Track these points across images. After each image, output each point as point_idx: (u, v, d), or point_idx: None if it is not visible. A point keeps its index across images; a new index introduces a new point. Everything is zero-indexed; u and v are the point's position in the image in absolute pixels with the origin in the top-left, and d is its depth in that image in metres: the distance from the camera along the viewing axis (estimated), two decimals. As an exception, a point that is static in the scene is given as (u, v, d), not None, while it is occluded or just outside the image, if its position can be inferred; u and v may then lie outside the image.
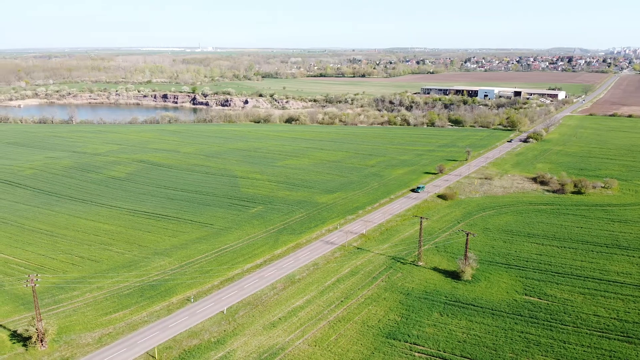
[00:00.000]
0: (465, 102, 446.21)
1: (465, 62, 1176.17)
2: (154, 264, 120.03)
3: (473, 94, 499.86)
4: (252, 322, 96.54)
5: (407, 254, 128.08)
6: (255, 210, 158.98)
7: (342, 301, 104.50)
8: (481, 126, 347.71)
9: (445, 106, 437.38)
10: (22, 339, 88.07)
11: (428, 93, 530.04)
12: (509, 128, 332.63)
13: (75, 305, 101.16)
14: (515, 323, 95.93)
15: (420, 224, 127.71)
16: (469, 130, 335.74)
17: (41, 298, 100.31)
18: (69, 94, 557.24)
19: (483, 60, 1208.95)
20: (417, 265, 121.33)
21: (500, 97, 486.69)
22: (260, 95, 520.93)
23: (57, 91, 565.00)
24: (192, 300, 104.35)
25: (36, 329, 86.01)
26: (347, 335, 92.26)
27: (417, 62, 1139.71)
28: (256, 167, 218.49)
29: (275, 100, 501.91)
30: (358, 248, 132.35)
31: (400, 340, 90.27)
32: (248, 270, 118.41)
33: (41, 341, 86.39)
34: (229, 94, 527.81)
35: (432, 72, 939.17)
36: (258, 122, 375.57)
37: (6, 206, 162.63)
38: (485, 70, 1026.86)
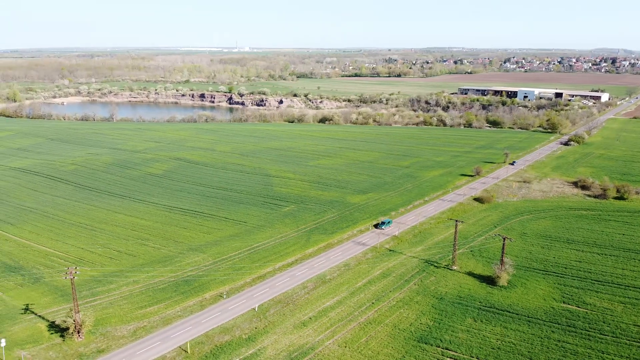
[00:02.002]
0: (504, 103, 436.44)
1: (504, 62, 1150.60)
2: (189, 259, 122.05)
3: (512, 94, 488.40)
4: (283, 321, 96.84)
5: (440, 257, 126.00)
6: (288, 209, 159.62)
7: (373, 303, 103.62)
8: (520, 128, 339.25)
9: (483, 107, 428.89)
10: (59, 330, 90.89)
11: (465, 93, 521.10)
12: (549, 130, 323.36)
13: (111, 298, 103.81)
14: (552, 331, 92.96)
15: (456, 227, 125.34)
16: (508, 131, 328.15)
17: (79, 290, 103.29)
18: (110, 92, 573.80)
19: (523, 61, 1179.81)
20: (451, 269, 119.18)
21: (540, 98, 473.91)
22: (295, 95, 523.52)
23: (99, 89, 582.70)
24: (224, 296, 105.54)
25: (74, 321, 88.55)
26: (378, 337, 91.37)
27: (455, 62, 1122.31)
28: (289, 166, 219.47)
29: (310, 100, 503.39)
30: (390, 250, 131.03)
31: (432, 345, 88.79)
32: (279, 268, 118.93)
33: (78, 332, 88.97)
34: (264, 93, 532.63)
35: (470, 72, 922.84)
36: (292, 122, 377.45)
37: (48, 200, 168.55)
38: (525, 71, 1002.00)
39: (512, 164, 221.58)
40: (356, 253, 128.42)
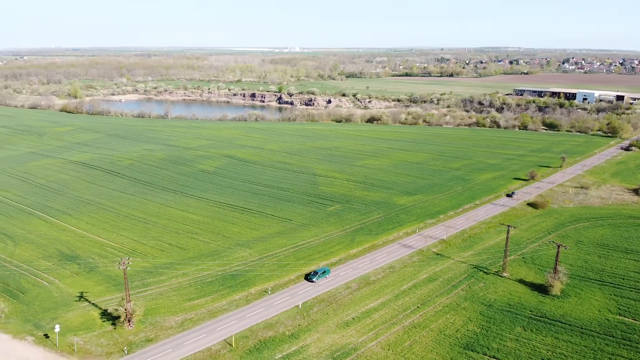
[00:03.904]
0: (561, 105, 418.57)
1: (562, 63, 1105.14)
2: (236, 254, 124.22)
3: (570, 96, 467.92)
4: (326, 320, 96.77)
5: (490, 263, 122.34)
6: (333, 209, 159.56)
7: (418, 307, 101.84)
8: (578, 131, 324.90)
9: (540, 109, 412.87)
10: (111, 318, 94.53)
11: (521, 94, 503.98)
12: (609, 134, 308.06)
13: (161, 289, 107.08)
14: (606, 344, 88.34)
15: (507, 233, 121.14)
16: (565, 135, 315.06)
17: (131, 280, 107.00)
18: (166, 90, 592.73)
19: (582, 62, 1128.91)
20: (501, 276, 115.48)
21: (600, 101, 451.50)
22: (343, 95, 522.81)
23: (155, 88, 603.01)
24: (269, 292, 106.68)
25: (125, 310, 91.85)
26: (422, 342, 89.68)
27: (510, 62, 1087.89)
28: (335, 165, 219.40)
29: (358, 100, 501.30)
30: (437, 254, 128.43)
31: (478, 352, 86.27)
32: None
33: (129, 321, 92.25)
34: (312, 93, 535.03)
35: (526, 73, 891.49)
36: (339, 122, 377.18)
37: (105, 193, 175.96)
38: (585, 72, 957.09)
39: (509, 196, 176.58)
40: (402, 255, 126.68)
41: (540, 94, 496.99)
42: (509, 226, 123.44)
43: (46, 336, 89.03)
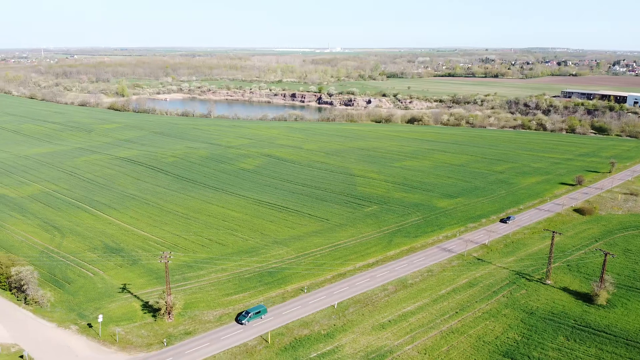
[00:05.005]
0: (611, 109, 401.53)
1: (613, 65, 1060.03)
2: (273, 252, 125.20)
3: (621, 100, 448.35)
4: (362, 321, 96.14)
5: (533, 270, 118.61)
6: (370, 210, 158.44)
7: (456, 312, 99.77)
8: (629, 136, 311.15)
9: (589, 112, 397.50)
10: (152, 310, 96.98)
11: (569, 97, 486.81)
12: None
13: (200, 283, 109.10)
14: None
15: (552, 239, 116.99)
16: (615, 139, 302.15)
17: (172, 274, 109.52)
18: (209, 90, 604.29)
19: (634, 64, 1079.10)
20: (544, 284, 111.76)
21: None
22: (384, 95, 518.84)
23: (199, 87, 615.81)
24: (305, 290, 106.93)
25: (165, 302, 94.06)
26: (460, 348, 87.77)
27: (558, 64, 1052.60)
28: (374, 166, 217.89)
29: (399, 100, 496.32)
30: (478, 259, 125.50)
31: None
32: (360, 268, 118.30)
33: (169, 314, 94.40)
34: (352, 93, 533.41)
35: (575, 75, 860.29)
36: (379, 122, 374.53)
37: (149, 189, 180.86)
38: (636, 75, 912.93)
39: (504, 221, 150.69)
40: (441, 259, 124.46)
41: (589, 96, 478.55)
42: (553, 232, 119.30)
43: (89, 325, 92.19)
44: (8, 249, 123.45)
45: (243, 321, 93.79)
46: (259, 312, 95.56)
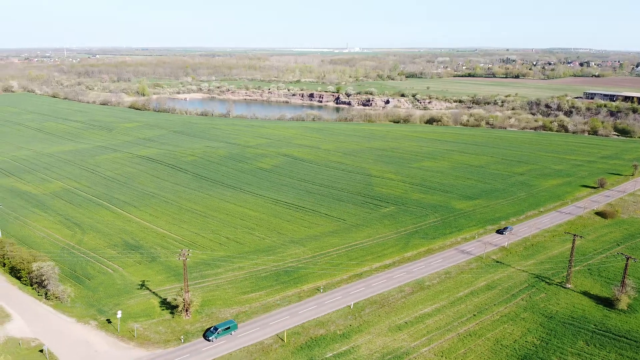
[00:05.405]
0: (635, 111, 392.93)
1: (637, 66, 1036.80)
2: (290, 251, 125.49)
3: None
4: (378, 322, 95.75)
5: (553, 273, 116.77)
6: (387, 210, 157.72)
7: (474, 315, 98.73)
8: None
9: (611, 113, 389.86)
10: (170, 307, 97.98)
11: (591, 98, 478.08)
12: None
13: (218, 281, 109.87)
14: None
15: (573, 242, 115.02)
16: (638, 141, 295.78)
17: (190, 272, 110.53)
18: (228, 90, 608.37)
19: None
20: (564, 287, 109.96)
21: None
22: (402, 95, 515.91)
23: (218, 87, 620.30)
24: (321, 290, 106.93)
25: (183, 299, 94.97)
26: (478, 351, 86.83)
27: (581, 64, 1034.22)
28: (391, 167, 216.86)
29: (418, 101, 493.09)
30: (497, 261, 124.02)
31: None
32: (376, 269, 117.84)
33: (186, 311, 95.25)
34: (370, 93, 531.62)
35: (598, 76, 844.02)
36: (397, 122, 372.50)
37: (168, 187, 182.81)
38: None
39: (500, 232, 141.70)
40: (459, 261, 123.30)
41: (612, 98, 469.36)
42: (574, 235, 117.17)
43: (108, 321, 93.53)
44: (30, 244, 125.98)
45: (210, 337, 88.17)
46: (229, 327, 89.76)
